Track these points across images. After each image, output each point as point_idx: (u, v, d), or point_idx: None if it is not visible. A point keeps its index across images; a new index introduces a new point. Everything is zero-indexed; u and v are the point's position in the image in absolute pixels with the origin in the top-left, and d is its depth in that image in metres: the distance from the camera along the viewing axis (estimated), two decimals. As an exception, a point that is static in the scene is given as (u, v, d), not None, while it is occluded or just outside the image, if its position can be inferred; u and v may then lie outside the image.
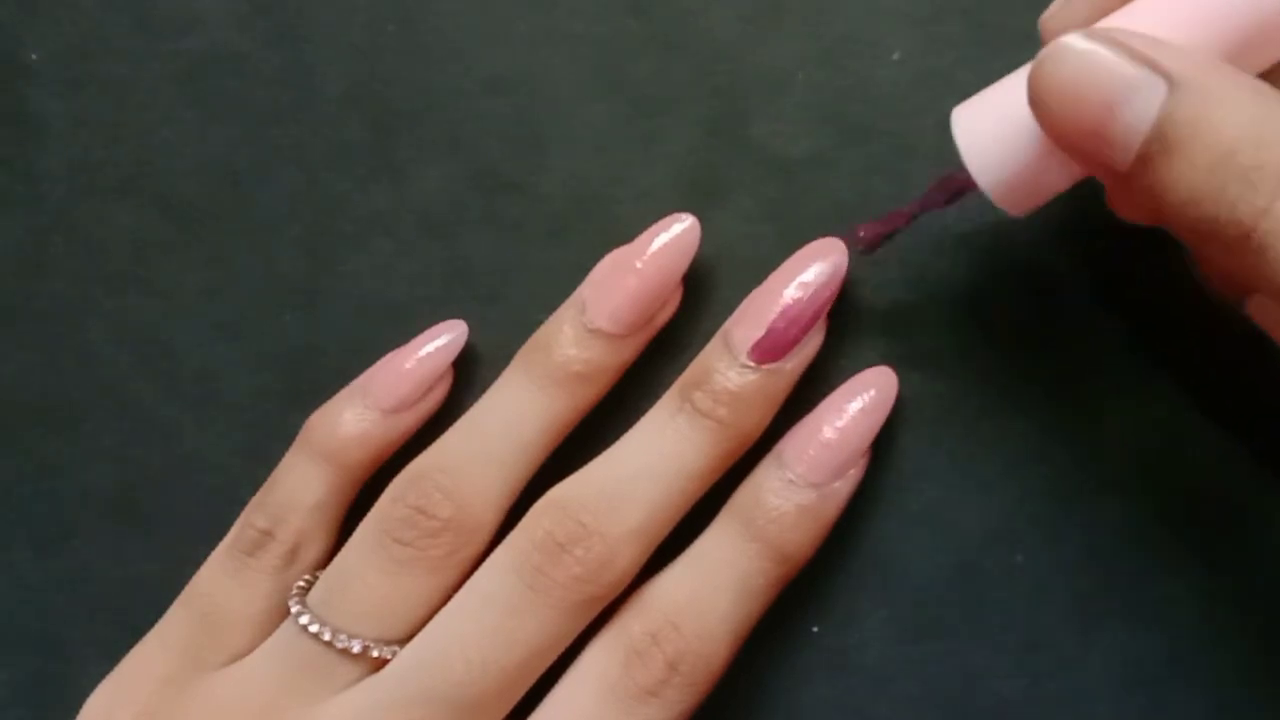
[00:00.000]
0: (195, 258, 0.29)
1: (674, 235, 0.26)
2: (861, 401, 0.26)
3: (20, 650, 0.29)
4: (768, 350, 0.25)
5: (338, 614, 0.25)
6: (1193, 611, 0.26)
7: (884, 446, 0.27)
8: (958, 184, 0.24)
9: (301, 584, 0.26)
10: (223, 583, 0.27)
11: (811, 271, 0.25)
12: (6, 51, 0.30)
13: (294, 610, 0.25)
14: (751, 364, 0.25)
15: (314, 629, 0.25)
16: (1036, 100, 0.20)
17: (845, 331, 0.27)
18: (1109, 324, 0.27)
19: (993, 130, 0.22)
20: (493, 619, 0.24)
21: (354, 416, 0.27)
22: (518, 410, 0.26)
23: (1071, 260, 0.27)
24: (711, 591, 0.25)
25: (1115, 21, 0.21)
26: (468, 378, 0.28)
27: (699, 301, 0.27)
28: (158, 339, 0.29)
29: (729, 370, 0.25)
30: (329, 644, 0.25)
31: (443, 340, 0.27)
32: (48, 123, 0.30)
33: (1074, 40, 0.20)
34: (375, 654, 0.25)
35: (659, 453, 0.25)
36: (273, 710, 0.25)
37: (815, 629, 0.27)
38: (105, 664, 0.27)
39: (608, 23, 0.28)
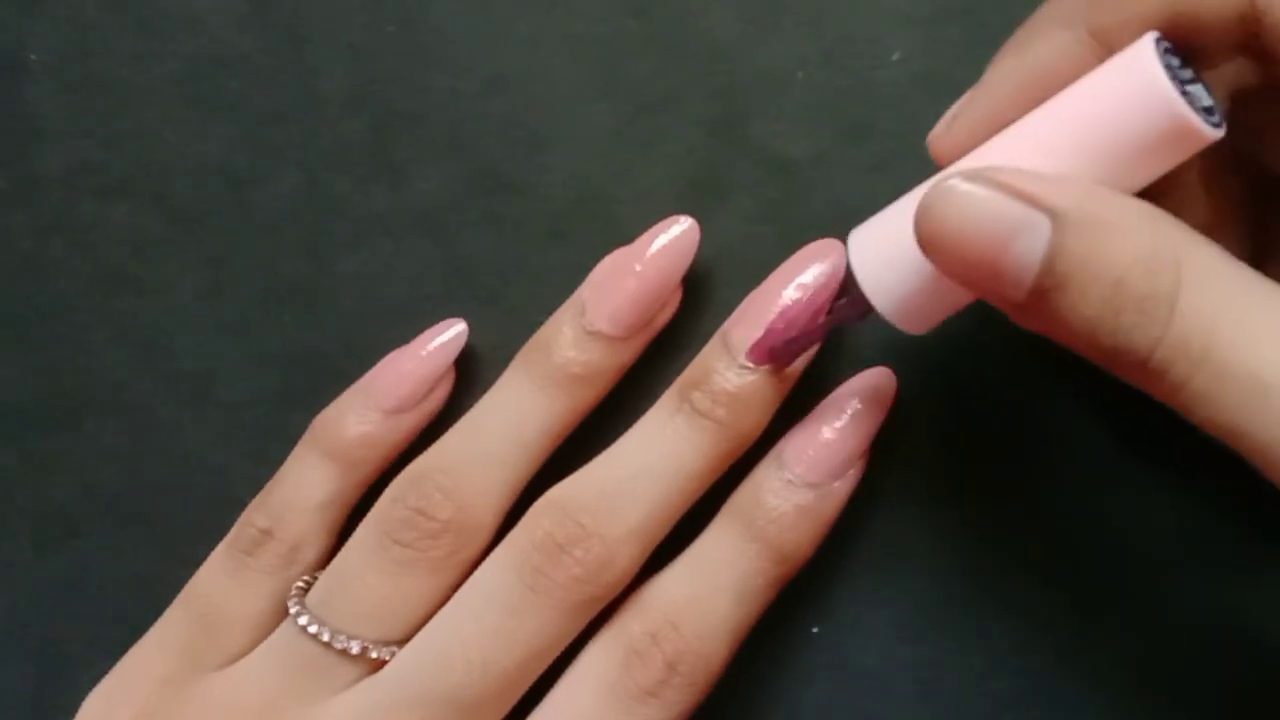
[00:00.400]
0: (195, 258, 0.29)
1: (674, 237, 0.26)
2: (861, 402, 0.26)
3: (20, 650, 0.29)
4: (766, 351, 0.25)
5: (337, 614, 0.25)
6: (1193, 611, 0.26)
7: (884, 446, 0.27)
8: (855, 307, 0.23)
9: (301, 584, 0.26)
10: (222, 583, 0.27)
11: (810, 272, 0.25)
12: (6, 51, 0.30)
13: (293, 611, 0.25)
14: (750, 365, 0.25)
15: (313, 629, 0.25)
16: (925, 241, 0.20)
17: (845, 332, 0.27)
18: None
19: (886, 256, 0.22)
20: (492, 619, 0.24)
21: (357, 418, 0.27)
22: (518, 411, 0.26)
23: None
24: (711, 592, 0.25)
25: (999, 144, 0.21)
26: (468, 378, 0.28)
27: (698, 301, 0.27)
28: (158, 339, 0.29)
29: (728, 371, 0.25)
30: (328, 645, 0.25)
31: (443, 340, 0.27)
32: (48, 123, 0.30)
33: (957, 183, 0.20)
34: (374, 655, 0.25)
35: (658, 453, 0.25)
36: (271, 711, 0.25)
37: (815, 629, 0.27)
38: (105, 664, 0.27)
39: (608, 23, 0.28)
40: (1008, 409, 0.27)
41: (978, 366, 0.27)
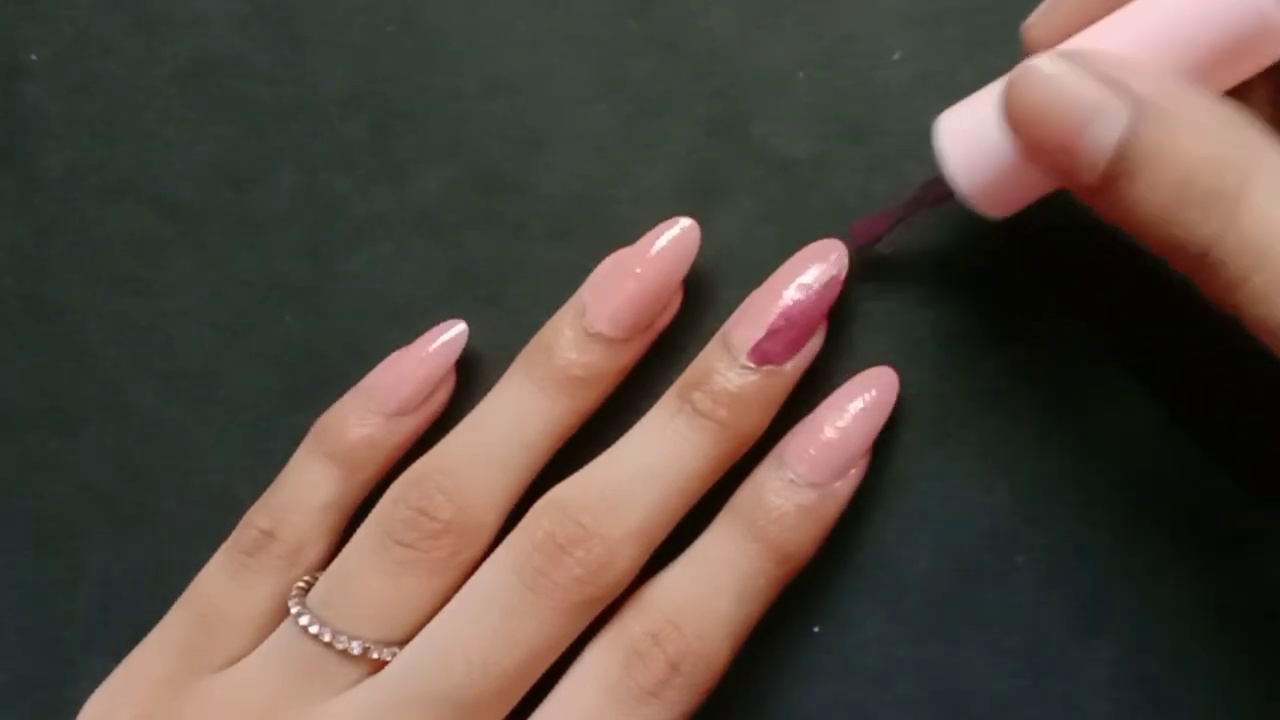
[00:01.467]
0: (195, 258, 0.29)
1: (674, 239, 0.26)
2: (862, 401, 0.26)
3: (20, 650, 0.29)
4: (767, 351, 0.25)
5: (338, 615, 0.25)
6: (1193, 611, 0.26)
7: (884, 446, 0.27)
8: (939, 189, 0.24)
9: (301, 585, 0.26)
10: (222, 584, 0.27)
11: (812, 273, 0.25)
12: (6, 51, 0.30)
13: (294, 611, 0.25)
14: (751, 365, 0.25)
15: (314, 630, 0.25)
16: (1010, 117, 0.21)
17: (845, 331, 0.27)
18: (1110, 324, 0.27)
19: (971, 136, 0.23)
20: (493, 620, 0.24)
21: (358, 420, 0.27)
22: (519, 413, 0.26)
23: (1073, 260, 0.27)
24: (712, 592, 0.25)
25: (1092, 34, 0.22)
26: (468, 378, 0.28)
27: (699, 302, 0.27)
28: (158, 339, 0.29)
29: (729, 371, 0.25)
30: (329, 645, 0.25)
31: (444, 341, 0.27)
32: (48, 123, 0.30)
33: (1042, 63, 0.20)
34: (375, 655, 0.25)
35: (659, 453, 0.25)
36: (272, 712, 0.25)
37: (816, 629, 0.27)
38: (105, 664, 0.27)
39: (608, 23, 0.28)
40: (1008, 409, 0.27)
41: (978, 366, 0.27)
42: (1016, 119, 0.21)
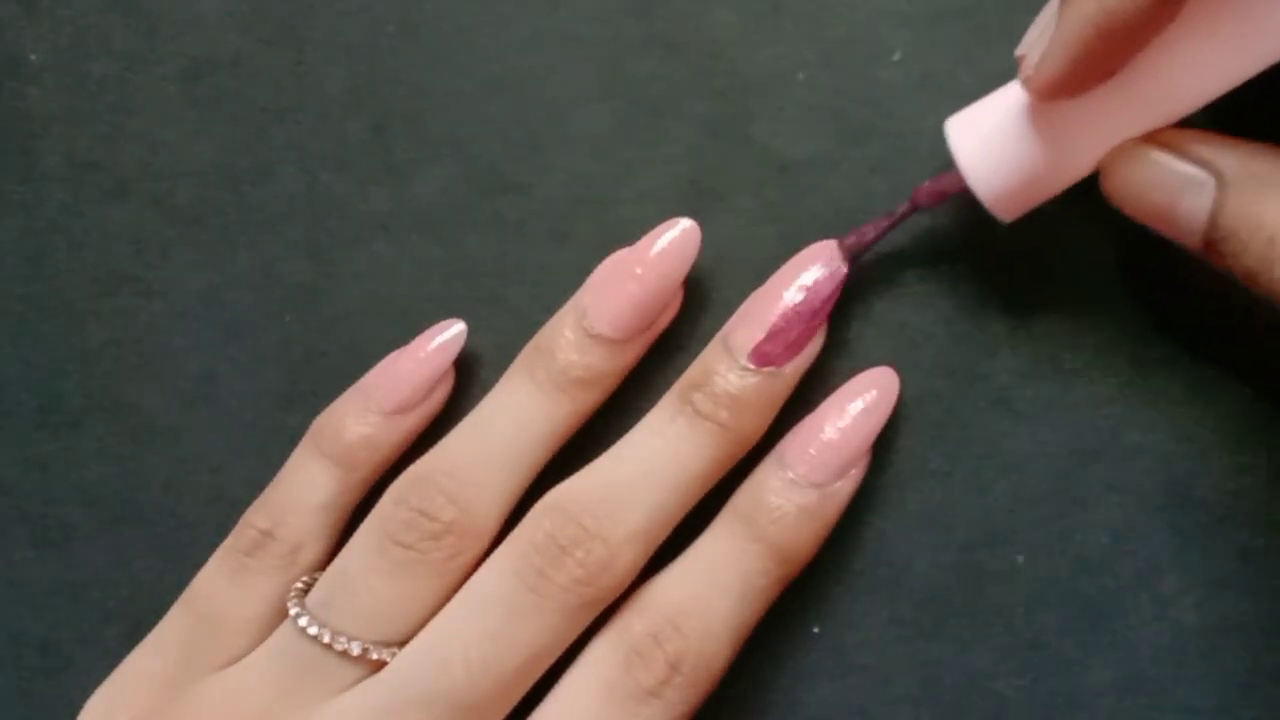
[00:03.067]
0: (195, 258, 0.29)
1: (674, 240, 0.26)
2: (863, 401, 0.26)
3: (20, 651, 0.29)
4: (768, 353, 0.25)
5: (337, 616, 0.25)
6: (1193, 611, 0.26)
7: (884, 446, 0.27)
8: (943, 188, 0.25)
9: (301, 585, 0.26)
10: (221, 584, 0.27)
11: (812, 274, 0.25)
12: (6, 51, 0.30)
13: (293, 612, 0.25)
14: (752, 367, 0.25)
15: (313, 631, 0.25)
16: (1110, 196, 0.23)
17: (845, 331, 0.27)
18: (1109, 324, 0.27)
19: (988, 140, 0.23)
20: (493, 621, 0.24)
21: (357, 419, 0.27)
22: (520, 414, 0.26)
23: (1073, 260, 0.27)
24: (713, 592, 0.25)
25: (1135, 87, 0.22)
26: (468, 379, 0.28)
27: (699, 302, 0.27)
28: (157, 339, 0.29)
29: (729, 373, 0.25)
30: (328, 646, 0.25)
31: (443, 341, 0.27)
32: (48, 123, 0.30)
33: (1132, 146, 0.23)
34: (375, 656, 0.25)
35: (659, 455, 0.25)
36: (271, 713, 0.25)
37: (816, 629, 0.27)
38: (105, 665, 0.27)
39: (608, 23, 0.28)
40: (1008, 409, 0.27)
41: (978, 366, 0.27)
42: (1116, 198, 0.23)
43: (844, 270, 0.25)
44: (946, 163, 0.24)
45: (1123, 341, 0.27)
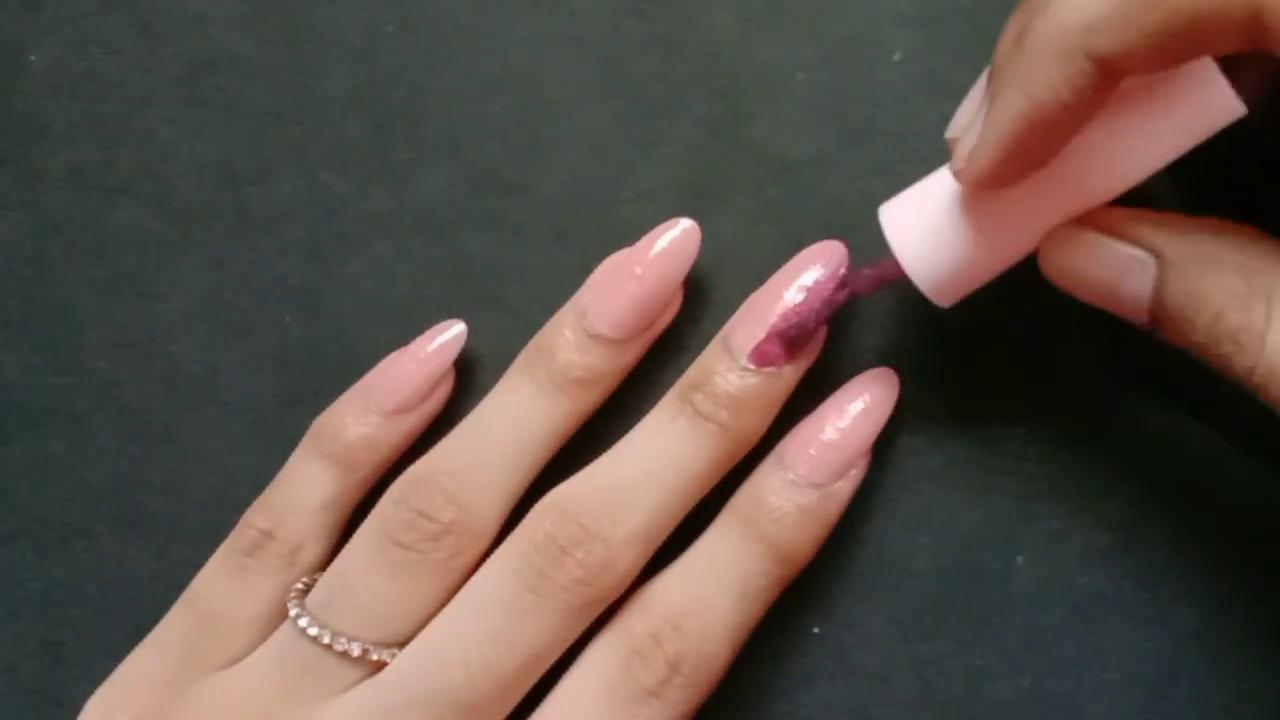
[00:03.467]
0: (195, 258, 0.29)
1: (674, 240, 0.26)
2: (863, 402, 0.26)
3: (20, 651, 0.29)
4: (768, 353, 0.25)
5: (337, 616, 0.25)
6: (1193, 611, 0.26)
7: (884, 447, 0.27)
8: (882, 275, 0.25)
9: (301, 586, 0.26)
10: (221, 584, 0.27)
11: (812, 274, 0.25)
12: (6, 51, 0.30)
13: (293, 612, 0.25)
14: (752, 367, 0.25)
15: (313, 631, 0.25)
16: (1052, 278, 0.23)
17: (845, 332, 0.27)
18: (1109, 325, 0.27)
19: (924, 230, 0.24)
20: (493, 622, 0.24)
21: (357, 419, 0.27)
22: (521, 414, 0.26)
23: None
24: (713, 592, 0.25)
25: (1070, 170, 0.22)
26: (468, 379, 0.28)
27: (699, 303, 0.27)
28: (157, 339, 0.29)
29: (729, 373, 0.25)
30: (328, 647, 0.25)
31: (443, 341, 0.27)
32: (48, 123, 0.30)
33: (1069, 231, 0.22)
34: (375, 657, 0.25)
35: (659, 455, 0.25)
36: (271, 713, 0.25)
37: (816, 630, 0.27)
38: (105, 665, 0.27)
39: (608, 23, 0.28)
40: (1008, 409, 0.27)
41: (979, 367, 0.27)
42: (1057, 280, 0.23)
43: (844, 270, 0.25)
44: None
45: (1125, 342, 0.27)
